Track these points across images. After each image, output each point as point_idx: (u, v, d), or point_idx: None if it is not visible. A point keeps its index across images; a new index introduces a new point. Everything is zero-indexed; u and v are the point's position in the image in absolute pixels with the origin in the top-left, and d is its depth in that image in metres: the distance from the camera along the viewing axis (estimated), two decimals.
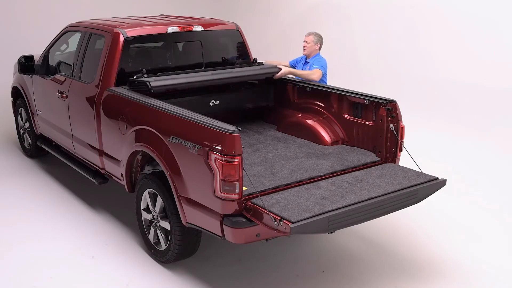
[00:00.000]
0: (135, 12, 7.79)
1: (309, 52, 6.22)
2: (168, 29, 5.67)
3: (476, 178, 6.75)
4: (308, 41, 6.21)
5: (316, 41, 6.19)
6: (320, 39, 6.23)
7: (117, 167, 5.17)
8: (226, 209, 3.92)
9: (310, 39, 6.21)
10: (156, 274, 4.70)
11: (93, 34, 5.80)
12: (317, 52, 6.22)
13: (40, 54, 6.69)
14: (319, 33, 6.30)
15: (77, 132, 5.88)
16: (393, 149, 4.87)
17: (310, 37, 6.22)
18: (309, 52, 6.22)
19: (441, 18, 8.94)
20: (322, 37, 6.26)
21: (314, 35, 6.22)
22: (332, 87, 5.51)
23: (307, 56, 6.26)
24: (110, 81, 5.33)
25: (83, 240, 5.31)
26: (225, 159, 3.83)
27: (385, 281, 4.62)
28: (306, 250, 5.11)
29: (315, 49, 6.21)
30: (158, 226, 4.75)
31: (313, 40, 6.19)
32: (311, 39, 6.20)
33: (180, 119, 4.32)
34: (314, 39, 6.19)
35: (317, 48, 6.21)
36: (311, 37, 6.21)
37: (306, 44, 6.22)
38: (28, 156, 7.57)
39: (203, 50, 5.95)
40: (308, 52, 6.23)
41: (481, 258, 4.99)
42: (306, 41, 6.22)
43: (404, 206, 4.39)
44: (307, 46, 6.22)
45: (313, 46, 6.20)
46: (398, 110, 4.81)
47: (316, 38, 6.21)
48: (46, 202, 6.17)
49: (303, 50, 6.25)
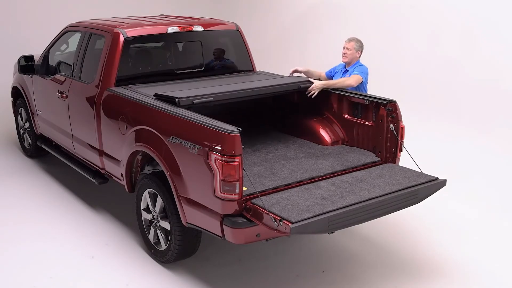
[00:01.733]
0: (135, 12, 7.79)
1: (349, 60, 5.60)
2: (168, 29, 5.67)
3: (477, 178, 6.75)
4: (349, 48, 5.58)
5: (357, 48, 5.58)
6: (362, 45, 5.63)
7: (117, 167, 5.17)
8: (226, 209, 3.92)
9: (351, 46, 5.57)
10: (156, 274, 4.70)
11: (93, 34, 5.80)
12: (357, 60, 5.62)
13: (40, 54, 6.69)
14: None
15: (77, 132, 5.88)
16: (393, 149, 4.87)
17: (352, 43, 5.58)
18: (349, 60, 5.60)
19: (441, 18, 8.94)
20: (363, 43, 5.66)
21: (355, 41, 5.60)
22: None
23: (347, 64, 5.64)
24: (110, 81, 5.34)
25: (83, 240, 5.31)
26: (225, 159, 3.83)
27: (385, 281, 4.62)
28: (306, 250, 5.11)
29: (356, 57, 5.60)
30: (158, 226, 4.75)
31: (354, 46, 5.56)
32: (352, 46, 5.57)
33: (180, 119, 4.32)
34: (355, 46, 5.57)
35: (358, 55, 5.62)
36: (352, 43, 5.58)
37: (346, 51, 5.59)
38: (28, 156, 7.57)
39: (203, 50, 5.95)
40: (348, 60, 5.60)
41: (481, 258, 4.99)
42: (347, 48, 5.59)
43: (405, 206, 4.40)
44: (347, 53, 5.58)
45: (354, 54, 5.58)
46: (398, 110, 4.81)
47: (358, 45, 5.59)
48: (46, 202, 6.18)
49: (343, 57, 5.62)
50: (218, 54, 6.14)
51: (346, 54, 5.58)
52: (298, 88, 5.39)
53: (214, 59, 6.12)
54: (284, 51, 11.32)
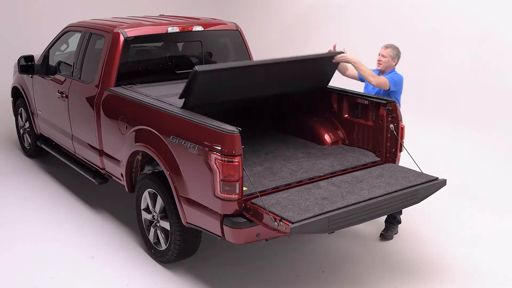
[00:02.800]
0: (135, 12, 7.79)
1: (384, 67, 5.24)
2: (168, 29, 5.67)
3: (477, 178, 6.75)
4: (384, 55, 5.22)
5: (394, 55, 5.21)
6: (399, 53, 5.26)
7: (117, 167, 5.17)
8: (226, 209, 3.92)
9: (387, 53, 5.21)
10: (156, 274, 4.70)
11: (93, 34, 5.80)
12: (393, 68, 5.26)
13: (40, 54, 6.69)
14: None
15: (77, 132, 5.88)
16: (393, 149, 4.87)
17: (388, 50, 5.22)
18: (384, 67, 5.24)
19: (441, 18, 8.94)
20: (400, 51, 5.28)
21: (392, 48, 5.23)
22: (332, 87, 5.50)
23: (381, 71, 5.29)
24: (110, 81, 5.34)
25: (83, 240, 5.31)
26: (225, 159, 3.83)
27: (385, 281, 4.62)
28: (306, 250, 5.11)
29: (392, 65, 5.24)
30: (158, 226, 4.75)
31: (390, 54, 5.20)
32: (388, 53, 5.21)
33: (180, 119, 4.32)
34: (392, 53, 5.21)
35: (394, 64, 5.25)
36: (388, 50, 5.22)
37: (382, 58, 5.23)
38: (28, 156, 7.57)
39: (203, 50, 5.95)
40: (382, 68, 5.25)
41: (481, 258, 4.99)
42: (382, 55, 5.23)
43: (404, 206, 4.39)
44: (382, 61, 5.23)
45: (390, 62, 5.22)
46: (398, 110, 4.81)
47: (395, 52, 5.23)
48: (46, 202, 6.17)
49: (378, 64, 5.28)
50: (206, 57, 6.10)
51: (381, 62, 5.24)
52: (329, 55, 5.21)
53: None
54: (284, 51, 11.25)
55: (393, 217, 5.25)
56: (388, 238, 5.25)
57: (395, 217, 5.26)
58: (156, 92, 5.10)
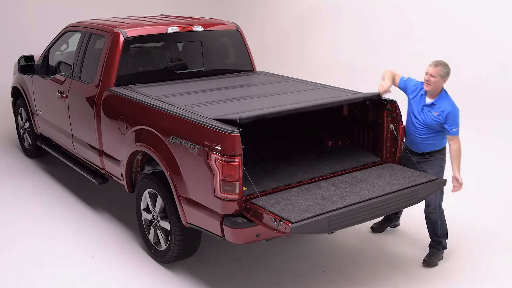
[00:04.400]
0: (135, 12, 7.79)
1: (432, 89, 4.57)
2: (168, 29, 5.67)
3: (477, 178, 6.75)
4: (433, 75, 4.51)
5: (444, 74, 4.52)
6: (449, 70, 4.55)
7: (117, 167, 5.17)
8: (226, 209, 3.92)
9: (436, 72, 4.51)
10: (156, 274, 4.70)
11: (93, 34, 5.80)
12: (442, 88, 4.61)
13: (40, 54, 6.69)
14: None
15: (77, 132, 5.88)
16: (393, 149, 4.87)
17: (437, 69, 4.51)
18: (432, 89, 4.57)
19: (441, 18, 8.94)
20: (449, 67, 4.58)
21: (442, 66, 4.53)
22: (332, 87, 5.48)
23: (430, 93, 4.62)
24: (110, 81, 5.34)
25: (83, 240, 5.31)
26: (225, 159, 3.83)
27: (385, 281, 4.62)
28: (306, 250, 5.11)
29: (441, 86, 4.59)
30: (158, 226, 4.75)
31: (440, 73, 4.51)
32: (438, 72, 4.51)
33: (180, 119, 4.32)
34: (441, 72, 4.51)
35: (444, 82, 4.59)
36: (438, 69, 4.51)
37: (430, 78, 4.53)
38: (28, 156, 7.57)
39: (203, 50, 5.95)
40: (431, 90, 4.58)
41: (482, 258, 4.99)
42: (431, 75, 4.52)
43: (404, 206, 4.39)
44: (431, 82, 4.53)
45: (440, 82, 4.54)
46: (398, 110, 4.81)
47: (445, 71, 4.53)
48: (46, 202, 6.18)
49: (426, 85, 4.59)
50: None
51: (430, 82, 4.54)
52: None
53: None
54: (284, 51, 11.32)
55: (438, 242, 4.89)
56: (432, 265, 4.82)
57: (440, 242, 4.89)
58: (156, 92, 5.10)
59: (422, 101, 4.67)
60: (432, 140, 4.69)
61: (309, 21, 11.02)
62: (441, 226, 4.86)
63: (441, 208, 4.86)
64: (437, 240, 4.89)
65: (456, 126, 4.56)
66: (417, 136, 4.72)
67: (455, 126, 4.55)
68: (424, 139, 4.70)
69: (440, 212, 4.85)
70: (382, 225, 5.41)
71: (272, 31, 11.66)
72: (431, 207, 4.78)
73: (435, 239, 4.89)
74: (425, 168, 4.70)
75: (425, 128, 4.65)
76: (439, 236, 4.87)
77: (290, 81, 5.82)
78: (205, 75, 5.92)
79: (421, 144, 4.72)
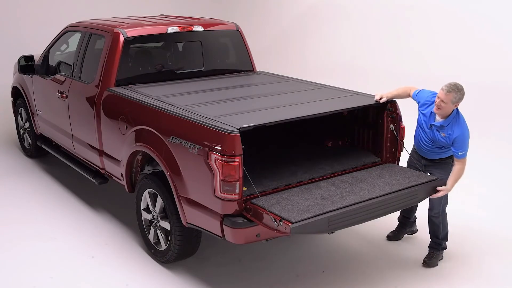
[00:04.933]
0: (135, 12, 7.80)
1: (444, 113, 4.38)
2: (168, 29, 5.67)
3: (477, 178, 6.75)
4: (445, 101, 4.27)
5: (456, 101, 4.29)
6: (463, 95, 4.30)
7: (117, 167, 5.17)
8: (226, 209, 3.92)
9: (448, 99, 4.26)
10: (156, 274, 4.70)
11: (93, 34, 5.80)
12: (453, 111, 4.40)
13: (40, 54, 6.69)
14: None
15: (77, 132, 5.88)
16: (393, 149, 4.87)
17: (450, 96, 4.25)
18: (444, 113, 4.38)
19: (440, 18, 8.94)
20: (464, 92, 4.31)
21: (455, 92, 4.26)
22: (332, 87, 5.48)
23: (440, 115, 4.45)
24: (110, 81, 5.34)
25: (83, 240, 5.31)
26: (225, 159, 3.83)
27: (385, 281, 4.62)
28: (306, 250, 5.11)
29: (451, 110, 4.37)
30: (158, 226, 4.75)
31: (452, 100, 4.27)
32: (449, 99, 4.26)
33: (180, 119, 4.31)
34: (453, 99, 4.27)
35: (455, 107, 4.37)
36: (450, 96, 4.25)
37: (441, 103, 4.30)
38: (28, 156, 7.57)
39: (203, 50, 5.95)
40: (443, 114, 4.39)
41: (482, 258, 4.99)
42: (442, 100, 4.29)
43: (404, 206, 4.38)
44: (442, 107, 4.31)
45: (450, 107, 4.32)
46: (398, 110, 4.81)
47: (458, 97, 4.28)
48: (46, 202, 6.18)
49: (436, 108, 4.38)
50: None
51: (440, 107, 4.33)
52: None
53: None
54: (284, 51, 11.32)
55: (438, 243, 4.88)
56: (432, 265, 4.81)
57: (440, 244, 4.88)
58: (156, 92, 5.10)
59: (432, 119, 4.52)
60: (439, 152, 4.65)
61: (309, 21, 11.02)
62: (443, 229, 4.86)
63: (444, 212, 4.84)
64: (437, 241, 4.89)
65: (463, 150, 4.42)
66: (424, 147, 4.68)
67: (461, 150, 4.41)
68: (430, 151, 4.66)
69: (443, 216, 4.84)
70: (398, 233, 5.26)
71: (272, 31, 11.66)
72: (434, 210, 4.77)
73: (435, 240, 4.90)
74: (433, 172, 4.70)
75: (433, 143, 4.60)
76: (440, 238, 4.86)
77: (290, 81, 5.82)
78: (205, 75, 5.92)
79: (429, 153, 4.70)
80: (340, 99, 5.00)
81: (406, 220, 5.22)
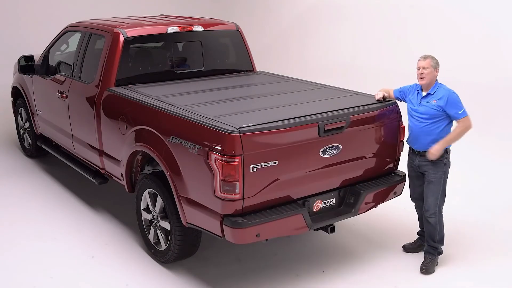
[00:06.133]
0: (135, 12, 7.80)
1: (428, 81, 4.63)
2: (168, 29, 5.67)
3: (477, 178, 6.76)
4: (426, 66, 4.61)
5: (435, 64, 4.64)
6: (438, 62, 4.71)
7: (117, 167, 5.18)
8: (226, 209, 3.92)
9: (428, 64, 4.61)
10: (156, 274, 4.70)
11: (93, 34, 5.80)
12: (436, 79, 4.70)
13: (40, 54, 6.69)
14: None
15: (77, 132, 5.88)
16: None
17: (428, 60, 4.63)
18: (428, 81, 4.63)
19: (440, 18, 8.94)
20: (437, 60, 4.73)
21: (431, 58, 4.66)
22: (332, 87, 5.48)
23: (425, 86, 4.68)
24: (110, 81, 5.34)
25: (83, 240, 5.31)
26: (225, 159, 3.83)
27: (385, 281, 4.62)
28: (306, 250, 5.11)
29: (435, 76, 4.67)
30: (158, 226, 4.75)
31: (431, 64, 4.62)
32: (429, 64, 4.61)
33: (180, 119, 4.31)
34: (432, 63, 4.63)
35: (437, 73, 4.68)
36: (428, 60, 4.63)
37: (423, 71, 4.61)
38: (28, 156, 7.57)
39: (203, 50, 5.95)
40: (427, 81, 4.63)
41: (481, 258, 4.99)
42: (423, 67, 4.62)
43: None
44: (425, 73, 4.61)
45: (433, 72, 4.63)
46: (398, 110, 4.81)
47: (435, 61, 4.66)
48: (46, 202, 6.18)
49: (420, 79, 4.66)
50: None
51: (424, 75, 4.61)
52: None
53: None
54: (284, 51, 11.33)
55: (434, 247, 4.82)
56: (430, 272, 4.75)
57: (436, 248, 4.83)
58: (156, 92, 5.10)
59: (420, 96, 4.72)
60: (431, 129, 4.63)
61: (309, 21, 11.03)
62: (439, 232, 4.82)
63: (441, 213, 4.82)
64: (433, 245, 4.81)
65: (460, 108, 4.59)
66: (418, 129, 4.68)
67: (459, 108, 4.59)
68: (424, 128, 4.63)
69: (440, 217, 4.81)
70: (415, 246, 5.12)
71: (272, 31, 11.66)
72: (430, 211, 4.74)
73: (430, 243, 4.81)
74: (427, 171, 4.70)
75: (426, 118, 4.64)
76: (436, 241, 4.81)
77: (290, 81, 5.82)
78: (205, 75, 5.92)
79: (420, 136, 4.67)
80: (340, 99, 5.00)
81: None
